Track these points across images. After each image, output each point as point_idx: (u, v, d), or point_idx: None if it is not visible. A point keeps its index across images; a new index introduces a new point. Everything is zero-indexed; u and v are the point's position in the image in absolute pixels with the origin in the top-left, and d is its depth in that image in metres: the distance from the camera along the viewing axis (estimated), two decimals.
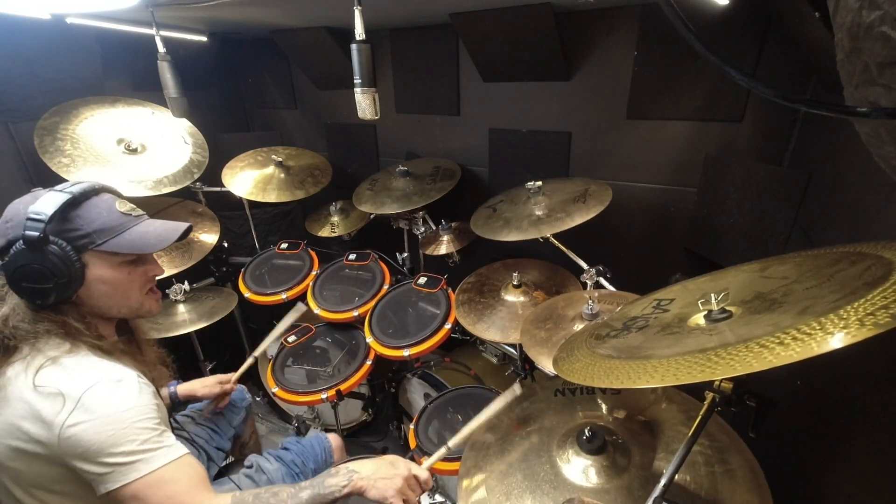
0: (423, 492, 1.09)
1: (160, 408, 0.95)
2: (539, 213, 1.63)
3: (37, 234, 0.85)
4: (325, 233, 2.43)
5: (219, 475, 1.40)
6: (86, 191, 0.95)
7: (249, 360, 1.54)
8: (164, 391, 1.37)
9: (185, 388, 1.42)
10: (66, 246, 0.89)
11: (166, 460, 0.87)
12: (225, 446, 1.49)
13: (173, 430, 1.33)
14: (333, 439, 1.51)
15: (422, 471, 1.08)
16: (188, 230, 1.07)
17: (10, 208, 0.91)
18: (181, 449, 0.91)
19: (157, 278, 1.08)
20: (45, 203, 0.88)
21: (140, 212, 1.03)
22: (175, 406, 1.42)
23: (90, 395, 0.83)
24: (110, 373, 0.89)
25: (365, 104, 1.24)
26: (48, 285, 0.88)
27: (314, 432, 1.55)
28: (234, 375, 1.51)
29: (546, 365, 1.27)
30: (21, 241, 0.86)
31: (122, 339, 1.07)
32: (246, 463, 1.37)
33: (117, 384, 0.87)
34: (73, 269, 0.90)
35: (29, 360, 0.87)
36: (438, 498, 1.51)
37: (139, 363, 1.02)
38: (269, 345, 1.63)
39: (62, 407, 0.81)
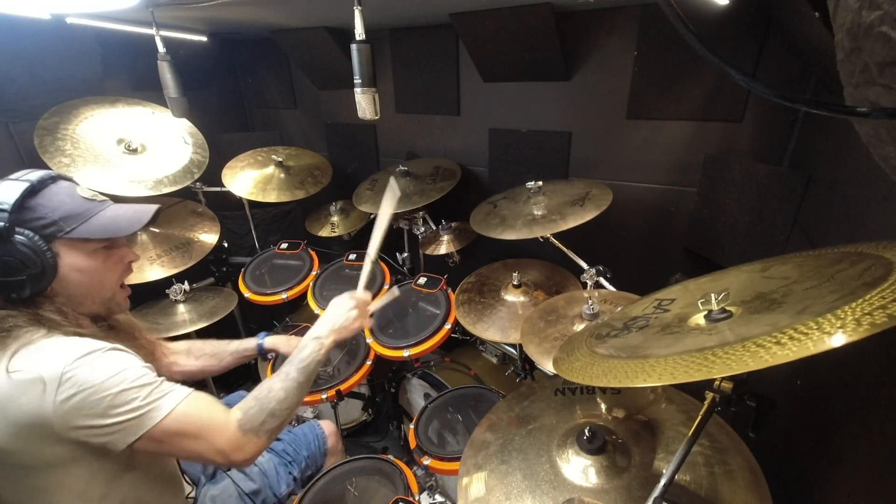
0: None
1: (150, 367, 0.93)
2: (539, 213, 1.63)
3: (1, 224, 0.83)
4: (325, 233, 2.43)
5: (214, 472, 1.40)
6: (42, 178, 0.91)
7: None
8: (253, 341, 1.44)
9: (271, 340, 1.44)
10: (34, 235, 0.86)
11: (179, 398, 0.89)
12: None
13: None
14: (326, 426, 1.52)
15: (361, 294, 1.24)
16: (158, 212, 1.05)
17: None
18: (186, 388, 0.93)
19: (135, 267, 1.08)
20: (4, 193, 0.85)
21: (103, 197, 1.00)
22: (261, 355, 1.45)
23: (73, 369, 0.81)
24: (87, 345, 0.86)
25: (365, 104, 1.24)
26: (21, 277, 0.85)
27: (307, 421, 1.55)
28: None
29: (546, 365, 1.27)
30: None
31: (101, 325, 1.03)
32: None
33: (94, 353, 0.85)
34: (44, 259, 0.87)
35: (1, 353, 0.83)
36: (438, 498, 1.50)
37: (122, 342, 0.99)
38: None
39: (44, 388, 0.79)
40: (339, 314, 1.18)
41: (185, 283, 2.01)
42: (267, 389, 1.00)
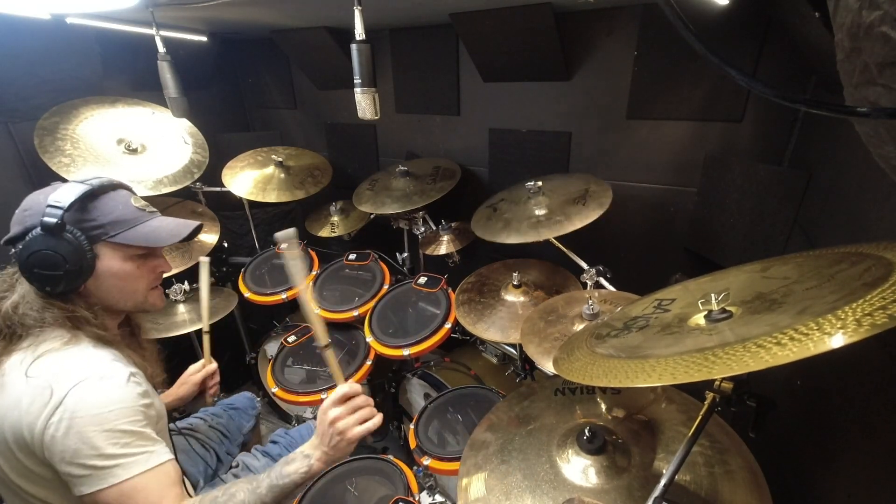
0: (361, 394, 1.04)
1: (150, 407, 0.93)
2: (539, 213, 1.63)
3: (55, 220, 0.88)
4: (325, 233, 2.43)
5: (213, 474, 1.40)
6: (104, 185, 0.98)
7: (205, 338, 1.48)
8: None
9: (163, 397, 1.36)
10: (81, 235, 0.91)
11: (144, 468, 0.85)
12: (234, 452, 1.49)
13: (183, 433, 1.33)
14: None
15: (344, 387, 1.02)
16: (198, 228, 1.10)
17: (30, 198, 0.94)
18: (162, 455, 0.89)
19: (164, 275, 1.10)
20: (66, 192, 0.91)
21: (154, 209, 1.06)
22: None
23: (75, 393, 0.82)
24: (100, 368, 0.88)
25: (365, 104, 1.24)
26: (59, 272, 0.89)
27: (307, 422, 1.55)
28: (203, 360, 1.47)
29: (547, 365, 1.27)
30: (38, 228, 0.88)
31: (124, 331, 1.08)
32: (233, 463, 1.36)
33: (104, 380, 0.86)
34: (84, 259, 0.91)
35: (29, 351, 0.87)
36: (438, 498, 1.50)
37: (139, 356, 1.03)
38: (205, 313, 1.54)
39: (48, 401, 0.81)
40: (325, 433, 0.99)
41: (185, 283, 2.01)
42: (229, 496, 0.91)
